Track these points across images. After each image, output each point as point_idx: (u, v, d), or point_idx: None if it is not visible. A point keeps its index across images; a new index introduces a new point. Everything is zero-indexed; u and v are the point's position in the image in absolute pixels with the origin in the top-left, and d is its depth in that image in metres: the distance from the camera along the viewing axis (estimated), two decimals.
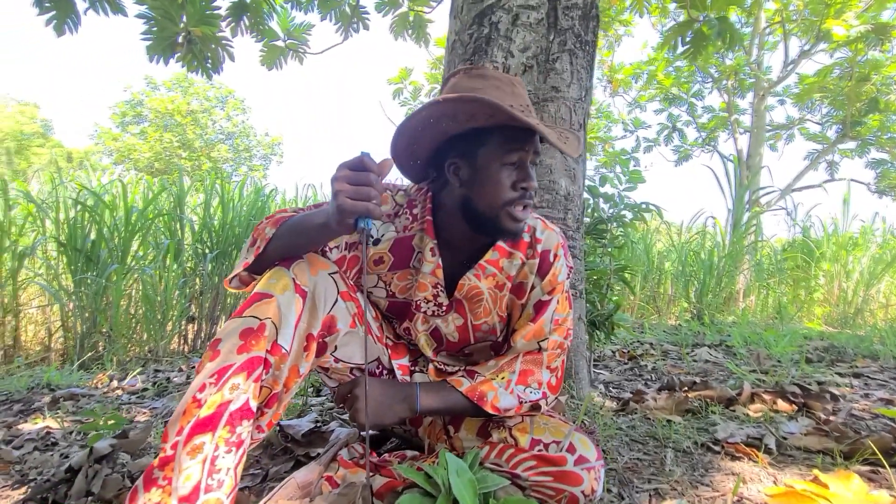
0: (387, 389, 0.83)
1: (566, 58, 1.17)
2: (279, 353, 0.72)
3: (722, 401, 1.29)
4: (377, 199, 0.64)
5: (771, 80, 7.37)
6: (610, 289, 1.51)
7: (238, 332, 0.70)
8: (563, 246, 0.91)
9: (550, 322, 0.89)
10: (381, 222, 0.90)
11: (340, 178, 0.64)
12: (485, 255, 0.88)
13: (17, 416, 1.54)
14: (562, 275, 0.90)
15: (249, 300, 0.73)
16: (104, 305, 2.74)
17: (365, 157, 0.65)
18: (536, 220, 0.92)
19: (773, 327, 3.38)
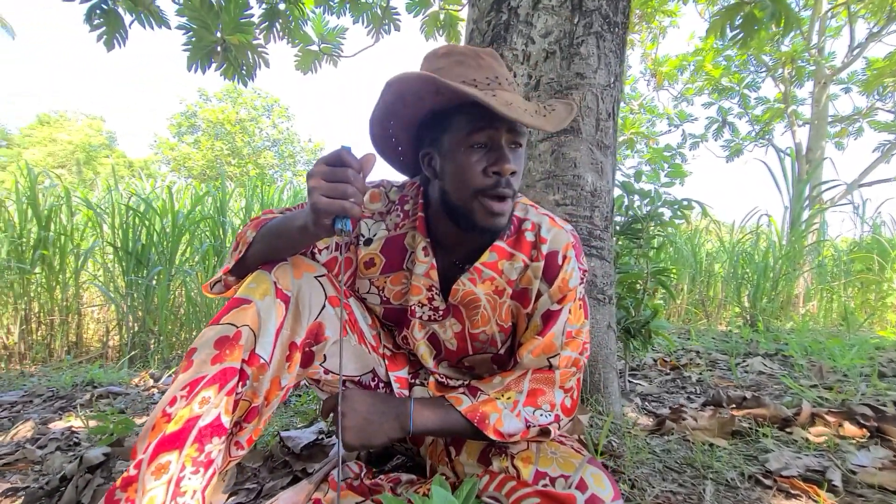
0: (377, 405, 0.73)
1: (592, 41, 1.07)
2: (257, 363, 0.67)
3: (776, 421, 1.14)
4: (356, 197, 0.58)
5: (834, 67, 6.80)
6: (647, 293, 1.38)
7: (213, 341, 0.64)
8: (575, 246, 0.80)
9: (562, 335, 0.78)
10: (373, 220, 0.83)
11: (316, 173, 0.58)
12: (481, 257, 0.79)
13: (55, 413, 1.61)
14: (573, 280, 0.78)
15: (227, 306, 0.68)
16: (153, 306, 2.86)
17: (343, 152, 0.59)
18: (543, 216, 0.81)
19: (838, 336, 3.07)
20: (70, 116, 24.23)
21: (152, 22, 2.60)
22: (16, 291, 2.76)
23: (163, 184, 4.83)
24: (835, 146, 7.45)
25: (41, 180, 3.22)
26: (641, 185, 1.50)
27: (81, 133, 23.03)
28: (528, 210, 0.81)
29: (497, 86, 0.70)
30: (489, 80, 0.70)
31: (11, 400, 1.84)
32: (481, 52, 0.73)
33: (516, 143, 0.72)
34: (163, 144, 22.44)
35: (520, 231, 0.79)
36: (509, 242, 0.79)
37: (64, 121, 23.73)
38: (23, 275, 2.73)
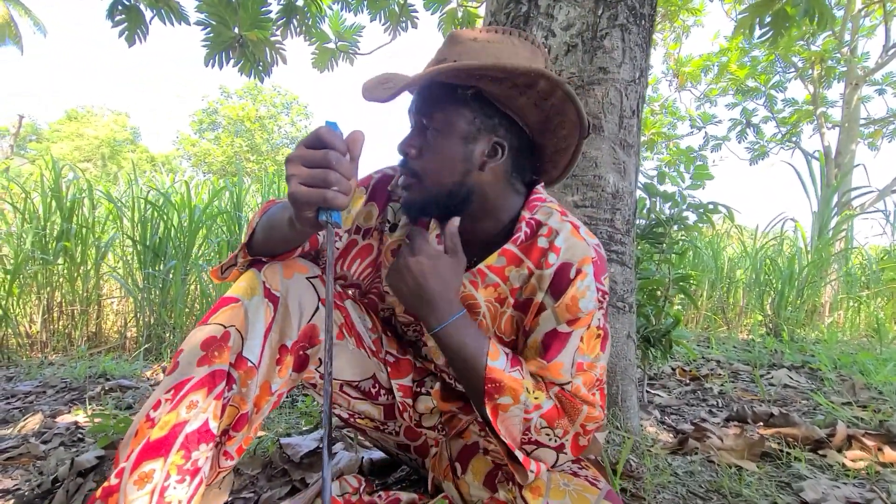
0: (450, 268, 0.67)
1: (617, 34, 1.01)
2: (245, 366, 0.62)
3: (808, 443, 1.06)
4: (340, 184, 0.50)
5: (867, 68, 6.55)
6: (668, 301, 1.32)
7: (200, 341, 0.60)
8: (596, 262, 0.68)
9: (572, 367, 0.67)
10: (398, 205, 0.78)
11: (294, 158, 0.51)
12: (487, 259, 0.71)
13: (65, 405, 1.61)
14: (587, 300, 0.66)
15: (216, 305, 0.64)
16: (169, 299, 2.89)
17: (324, 131, 0.51)
18: (565, 223, 0.70)
19: (868, 349, 2.93)
20: (96, 112, 24.88)
21: (172, 18, 2.62)
22: (39, 282, 2.82)
23: (182, 178, 4.91)
24: (868, 147, 7.18)
25: (65, 174, 3.28)
26: (665, 188, 1.43)
27: (107, 128, 23.63)
28: (553, 215, 0.72)
29: (431, 64, 0.67)
30: (431, 60, 0.68)
31: (26, 390, 1.86)
32: (457, 33, 0.69)
33: (421, 124, 0.68)
34: (184, 140, 22.90)
35: (535, 235, 0.71)
36: (521, 247, 0.71)
37: (91, 116, 24.38)
38: (46, 265, 2.79)
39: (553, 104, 0.66)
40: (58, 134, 22.66)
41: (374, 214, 0.79)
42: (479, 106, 0.66)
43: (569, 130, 0.70)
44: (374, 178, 0.80)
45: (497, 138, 0.68)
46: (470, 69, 0.60)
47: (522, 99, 0.65)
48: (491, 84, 0.63)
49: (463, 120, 0.66)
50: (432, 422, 0.82)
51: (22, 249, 2.78)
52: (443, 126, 0.66)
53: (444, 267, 0.67)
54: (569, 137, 0.71)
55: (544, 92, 0.64)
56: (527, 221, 0.71)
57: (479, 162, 0.68)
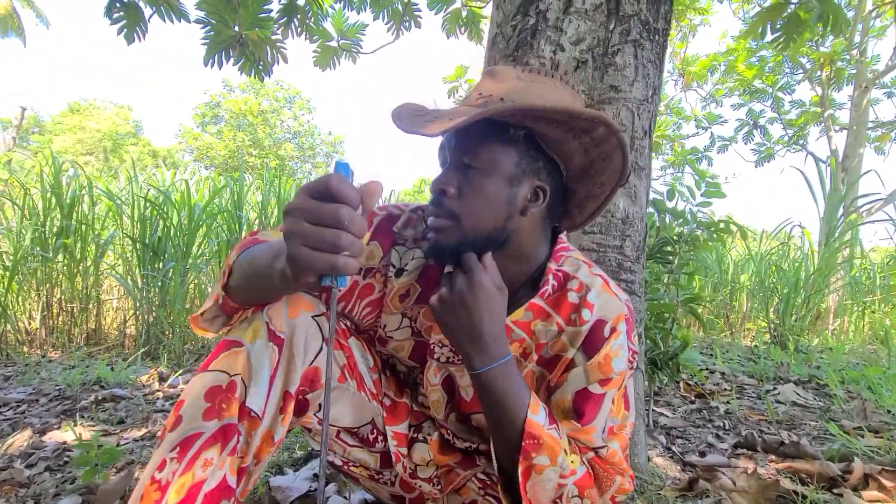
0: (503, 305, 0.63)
1: (629, 50, 0.96)
2: (248, 417, 0.58)
3: (823, 479, 1.02)
4: (352, 247, 0.43)
5: (876, 71, 6.45)
6: (676, 323, 1.28)
7: (204, 391, 0.56)
8: (628, 320, 0.66)
9: (604, 430, 0.63)
10: (405, 248, 0.73)
11: (295, 211, 0.44)
12: (514, 314, 0.67)
13: (57, 418, 1.58)
14: (619, 361, 0.64)
15: (217, 349, 0.60)
16: (168, 299, 2.87)
17: (335, 180, 0.43)
18: (595, 277, 0.67)
19: (875, 361, 2.89)
20: (99, 105, 24.83)
21: (172, 15, 2.57)
22: (38, 278, 2.80)
23: (184, 174, 4.88)
24: (875, 151, 7.09)
25: (65, 169, 3.25)
26: (673, 202, 1.39)
27: (109, 121, 23.58)
28: (580, 267, 0.69)
29: (472, 100, 0.64)
30: (467, 96, 0.65)
31: (19, 398, 1.83)
32: (498, 69, 0.67)
33: (465, 163, 0.63)
34: (187, 134, 22.84)
35: (563, 289, 0.67)
36: (549, 301, 0.67)
37: (93, 109, 24.34)
38: (45, 262, 2.77)
39: (602, 151, 0.64)
40: (60, 126, 22.63)
41: (377, 255, 0.74)
42: (527, 147, 0.64)
43: (608, 177, 0.67)
44: (378, 216, 0.76)
45: (539, 182, 0.65)
46: (535, 110, 0.57)
47: (574, 143, 0.63)
48: (546, 126, 0.61)
49: (510, 161, 0.63)
50: (428, 474, 0.77)
51: (21, 246, 2.76)
52: (488, 166, 0.62)
53: (499, 303, 0.62)
54: (605, 184, 0.68)
55: (598, 138, 0.62)
56: (553, 273, 0.68)
57: (521, 206, 0.64)
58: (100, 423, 1.47)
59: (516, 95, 0.62)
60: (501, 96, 0.61)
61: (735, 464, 1.12)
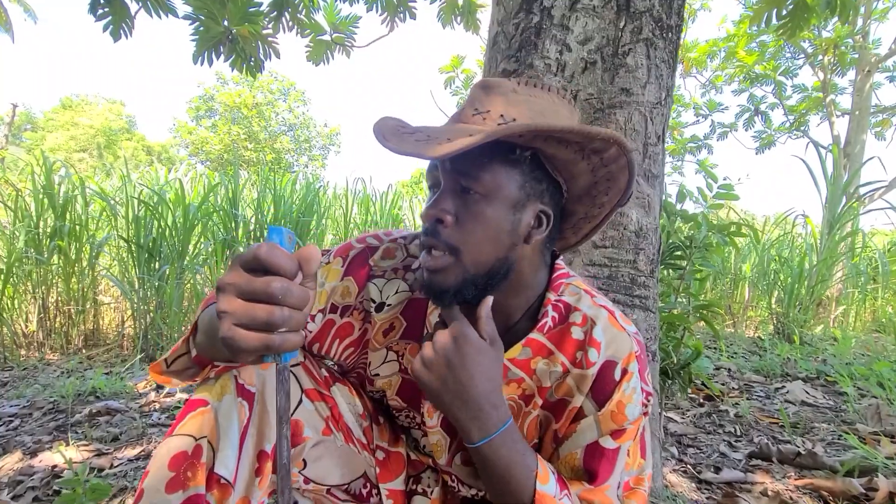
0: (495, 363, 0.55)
1: (641, 49, 0.90)
2: (217, 485, 0.52)
3: (846, 497, 0.98)
4: (291, 323, 0.39)
5: (879, 55, 6.35)
6: (688, 331, 1.23)
7: (168, 459, 0.51)
8: (640, 357, 0.59)
9: (619, 487, 0.57)
10: (385, 280, 0.67)
11: (226, 286, 0.39)
12: (510, 351, 0.60)
13: (50, 434, 1.54)
14: (633, 407, 0.57)
15: (183, 411, 0.55)
16: (164, 300, 2.83)
17: (265, 250, 0.38)
18: (600, 309, 0.60)
19: (880, 352, 2.86)
20: (91, 100, 24.53)
21: (159, 10, 2.49)
22: (34, 280, 2.76)
23: (179, 171, 4.81)
24: (875, 137, 7.01)
25: (56, 168, 3.18)
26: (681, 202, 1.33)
27: (102, 117, 23.32)
28: (582, 297, 0.62)
29: (457, 116, 0.57)
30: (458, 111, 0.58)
31: (12, 412, 1.79)
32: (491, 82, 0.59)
33: (462, 186, 0.55)
34: (181, 128, 22.61)
35: (566, 323, 0.60)
36: (550, 336, 0.60)
37: (85, 104, 24.05)
38: (39, 265, 2.73)
39: (609, 171, 0.58)
40: (53, 123, 22.37)
41: (353, 291, 0.68)
42: (531, 169, 0.57)
43: (610, 198, 0.61)
44: (353, 249, 0.69)
45: (543, 206, 0.58)
46: (552, 130, 0.50)
47: (583, 164, 0.57)
48: (556, 147, 0.54)
49: (513, 184, 0.56)
50: None
51: (15, 248, 2.71)
52: (490, 190, 0.55)
53: (491, 362, 0.55)
54: (605, 205, 0.62)
55: (609, 159, 0.56)
56: (553, 304, 0.61)
57: (524, 233, 0.58)
58: (93, 441, 1.42)
59: (513, 110, 0.55)
60: (501, 112, 0.55)
61: (752, 479, 1.09)
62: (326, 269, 0.68)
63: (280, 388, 0.41)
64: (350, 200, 4.28)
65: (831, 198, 4.03)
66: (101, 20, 2.36)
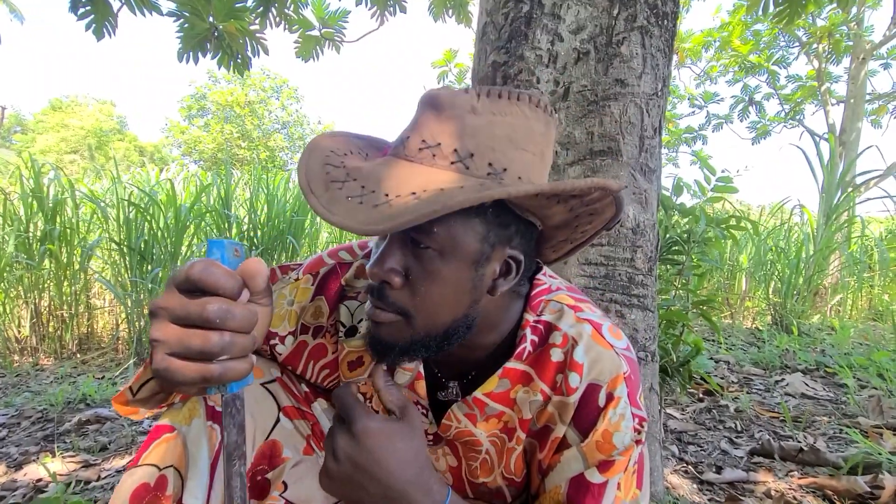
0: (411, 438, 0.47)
1: (636, 38, 0.87)
2: None
3: (850, 496, 0.96)
4: (232, 349, 0.34)
5: (873, 42, 6.33)
6: (687, 328, 1.21)
7: (129, 494, 0.47)
8: (629, 379, 0.52)
9: None
10: (358, 303, 0.60)
11: (158, 311, 0.35)
12: (484, 384, 0.54)
13: (37, 445, 1.50)
14: (622, 434, 0.50)
15: (148, 439, 0.51)
16: None
17: (199, 268, 0.34)
18: (583, 325, 0.53)
19: (877, 341, 2.85)
20: (81, 101, 24.27)
21: (143, 8, 2.43)
22: (25, 285, 2.72)
23: (171, 170, 4.75)
24: (871, 125, 7.01)
25: (45, 171, 3.13)
26: (679, 197, 1.30)
27: (92, 118, 23.09)
28: (564, 314, 0.54)
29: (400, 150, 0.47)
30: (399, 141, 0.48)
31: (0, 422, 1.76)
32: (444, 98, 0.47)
33: (416, 239, 0.46)
34: (174, 128, 22.43)
35: (545, 343, 0.54)
36: (529, 361, 0.54)
37: (75, 105, 23.80)
38: (30, 269, 2.69)
39: (593, 208, 0.51)
40: (42, 125, 22.13)
41: (325, 312, 0.62)
42: (495, 215, 0.47)
43: (594, 225, 0.54)
44: (324, 266, 0.63)
45: (511, 251, 0.50)
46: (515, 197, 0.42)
47: (559, 207, 0.49)
48: (525, 197, 0.45)
49: (474, 237, 0.46)
50: None
51: (5, 252, 2.67)
52: (447, 247, 0.46)
53: (407, 442, 0.47)
54: (588, 231, 0.55)
55: (590, 200, 0.49)
56: (532, 327, 0.54)
57: (488, 285, 0.50)
58: (80, 451, 1.39)
59: (476, 144, 0.45)
60: (455, 147, 0.45)
61: (754, 478, 1.06)
62: (295, 287, 0.63)
63: (230, 420, 0.37)
64: None
65: (828, 187, 4.01)
66: (84, 19, 2.30)
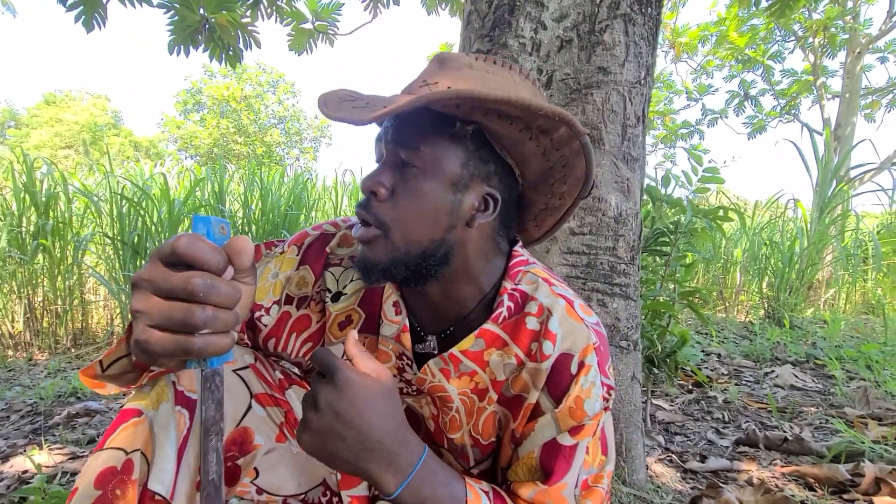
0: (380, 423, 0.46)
1: (619, 26, 0.86)
2: (151, 501, 0.48)
3: (831, 483, 0.97)
4: (215, 323, 0.35)
5: (870, 36, 6.32)
6: (673, 319, 1.21)
7: (94, 476, 0.46)
8: (599, 349, 0.55)
9: (576, 487, 0.53)
10: (342, 268, 0.63)
11: (141, 282, 0.36)
12: (461, 343, 0.56)
13: (26, 438, 1.50)
14: (593, 402, 0.53)
15: (115, 422, 0.50)
16: None
17: (184, 242, 0.34)
18: (558, 298, 0.56)
19: (869, 334, 2.87)
20: (75, 95, 24.08)
21: (134, 0, 2.41)
22: (18, 280, 2.71)
23: (165, 164, 4.73)
24: (865, 119, 7.01)
25: (38, 165, 3.10)
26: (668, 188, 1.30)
27: (87, 112, 22.92)
28: (540, 286, 0.57)
29: (414, 88, 0.52)
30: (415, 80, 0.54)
31: None
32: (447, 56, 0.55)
33: (402, 160, 0.52)
34: (170, 123, 22.28)
35: (522, 313, 0.57)
36: (505, 326, 0.56)
37: (69, 100, 23.62)
38: (23, 264, 2.67)
39: (563, 155, 0.54)
40: (36, 119, 21.96)
41: (310, 281, 0.64)
42: (476, 147, 0.53)
43: (569, 188, 0.57)
44: (309, 237, 0.66)
45: (489, 189, 0.55)
46: (485, 99, 0.46)
47: (531, 145, 0.53)
48: (499, 122, 0.51)
49: (455, 161, 0.52)
50: None
51: None
52: (429, 165, 0.52)
53: (385, 398, 0.47)
54: (566, 196, 0.58)
55: (559, 141, 0.52)
56: (509, 294, 0.57)
57: (466, 216, 0.54)
58: (68, 444, 1.39)
59: (465, 83, 0.51)
60: (449, 84, 0.51)
61: (738, 466, 1.07)
62: (280, 259, 0.65)
63: (208, 396, 0.37)
64: (340, 192, 4.22)
65: (822, 181, 4.02)
66: (72, 10, 2.28)
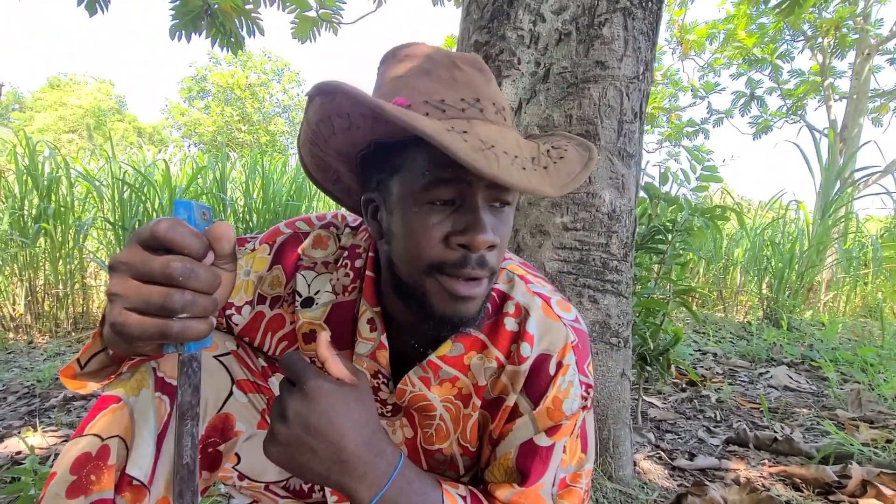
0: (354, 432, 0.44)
1: (618, 19, 0.85)
2: (129, 487, 0.48)
3: (818, 485, 0.97)
4: (194, 308, 0.35)
5: (880, 36, 6.25)
6: (667, 317, 1.21)
7: (70, 462, 0.46)
8: (577, 348, 0.54)
9: (553, 486, 0.53)
10: (315, 273, 0.60)
11: (119, 265, 0.35)
12: (440, 348, 0.55)
13: (22, 419, 1.52)
14: (570, 401, 0.53)
15: (93, 409, 0.50)
16: None
17: (165, 226, 0.34)
18: (534, 297, 0.55)
19: (867, 337, 2.86)
20: (79, 79, 24.02)
21: None
22: (20, 263, 2.72)
23: (168, 151, 4.72)
24: (872, 123, 6.96)
25: (40, 149, 3.11)
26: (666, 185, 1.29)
27: (91, 97, 22.87)
28: (516, 284, 0.56)
29: (477, 113, 0.45)
30: (466, 103, 0.45)
31: None
32: (458, 59, 0.48)
33: (501, 200, 0.47)
34: (174, 109, 22.22)
35: (500, 314, 0.55)
36: (484, 328, 0.55)
37: (73, 84, 23.56)
38: (25, 248, 2.69)
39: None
40: (41, 102, 21.93)
41: (283, 281, 0.62)
42: None
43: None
44: (281, 235, 0.63)
45: None
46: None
47: None
48: None
49: None
50: None
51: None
52: (513, 199, 0.50)
53: (359, 404, 0.45)
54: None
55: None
56: None
57: None
58: (62, 426, 1.40)
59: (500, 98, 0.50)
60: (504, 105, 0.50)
61: (726, 465, 1.07)
62: (251, 257, 0.62)
63: (185, 380, 0.38)
64: None
65: (825, 182, 4.00)
66: None
